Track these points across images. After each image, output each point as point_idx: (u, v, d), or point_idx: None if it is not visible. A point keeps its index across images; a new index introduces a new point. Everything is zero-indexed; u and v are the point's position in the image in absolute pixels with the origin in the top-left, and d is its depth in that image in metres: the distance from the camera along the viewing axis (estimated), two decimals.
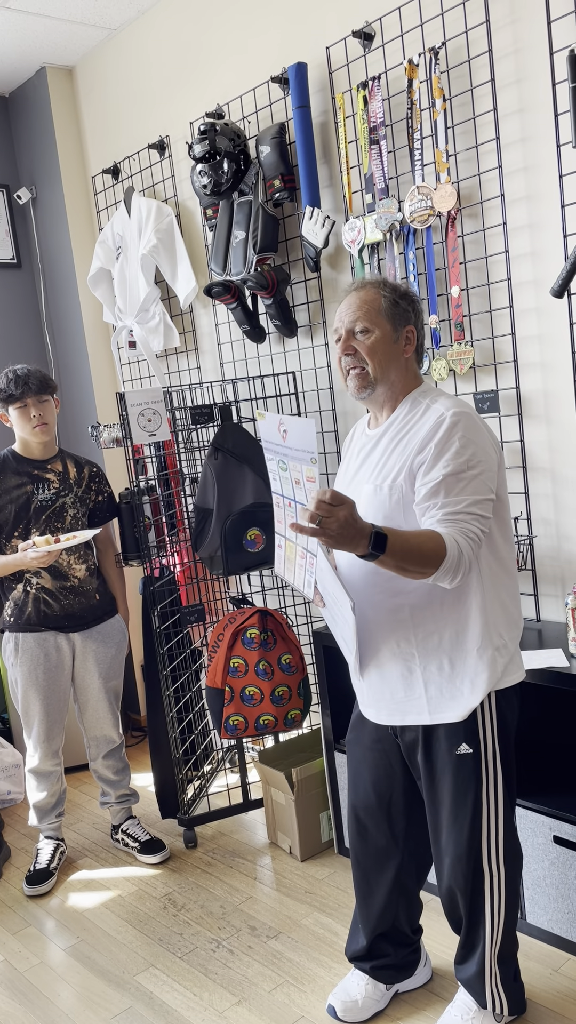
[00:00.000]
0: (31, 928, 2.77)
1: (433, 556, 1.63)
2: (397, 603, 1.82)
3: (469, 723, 1.85)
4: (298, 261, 3.16)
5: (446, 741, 1.87)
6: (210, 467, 3.03)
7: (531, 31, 2.37)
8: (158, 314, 3.66)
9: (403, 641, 1.84)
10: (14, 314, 4.26)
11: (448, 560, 1.63)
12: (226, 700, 2.90)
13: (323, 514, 1.54)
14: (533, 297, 2.50)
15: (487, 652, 1.82)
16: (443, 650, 1.82)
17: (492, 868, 1.92)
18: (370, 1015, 2.18)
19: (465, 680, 1.83)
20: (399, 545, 1.61)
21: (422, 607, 1.81)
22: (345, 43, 2.83)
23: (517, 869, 1.98)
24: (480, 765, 1.86)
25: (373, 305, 1.82)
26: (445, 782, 1.89)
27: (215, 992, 2.35)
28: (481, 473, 1.73)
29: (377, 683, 1.91)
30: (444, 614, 1.81)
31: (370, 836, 2.09)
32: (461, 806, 1.89)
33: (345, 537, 1.56)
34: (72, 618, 2.92)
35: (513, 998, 2.05)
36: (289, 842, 2.98)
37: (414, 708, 1.87)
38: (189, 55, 3.44)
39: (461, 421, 1.75)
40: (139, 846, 3.09)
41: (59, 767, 3.04)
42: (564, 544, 2.56)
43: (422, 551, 1.62)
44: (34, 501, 2.86)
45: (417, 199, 2.62)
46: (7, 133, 4.25)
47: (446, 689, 1.84)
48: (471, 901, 1.95)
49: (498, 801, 1.90)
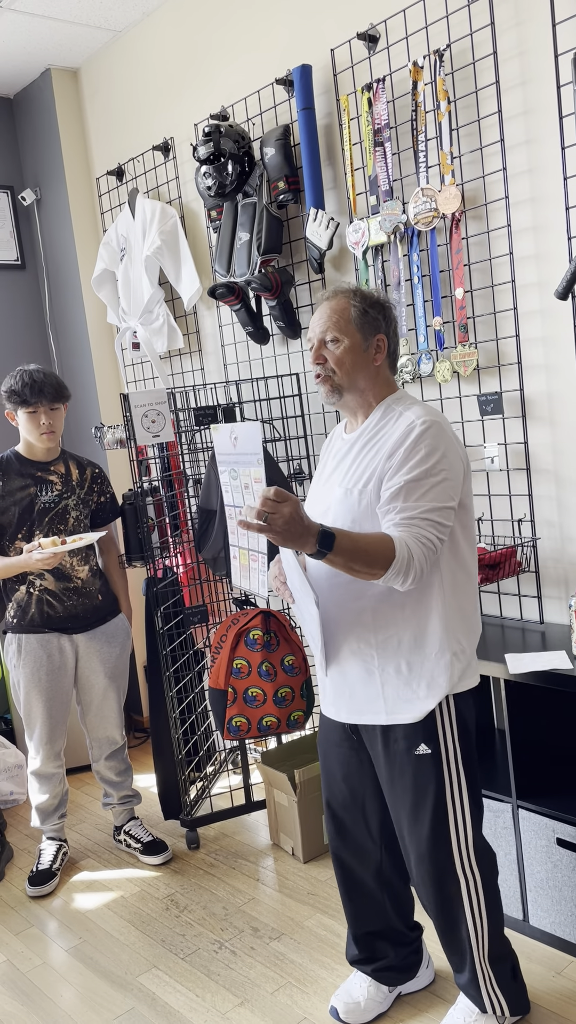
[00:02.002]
0: (33, 929, 2.77)
1: (381, 558, 1.67)
2: (360, 605, 1.86)
3: (427, 724, 1.88)
4: (302, 263, 3.16)
5: (404, 741, 1.89)
6: (214, 468, 3.03)
7: (536, 33, 2.37)
8: (162, 315, 3.67)
9: (363, 642, 1.87)
10: (18, 315, 4.27)
11: (397, 563, 1.67)
12: (229, 701, 2.90)
13: (268, 510, 1.58)
14: (537, 299, 2.50)
15: (445, 656, 1.85)
16: (402, 652, 1.86)
17: (467, 872, 1.92)
18: (372, 1017, 2.18)
19: (422, 683, 1.86)
20: (347, 545, 1.65)
21: (384, 610, 1.85)
22: (350, 45, 2.83)
23: (492, 869, 1.97)
24: (441, 766, 1.89)
25: (343, 315, 1.86)
26: (405, 782, 1.91)
27: (217, 993, 2.35)
28: (443, 481, 1.76)
29: (338, 681, 1.94)
30: (405, 617, 1.85)
31: (348, 832, 2.11)
32: (421, 806, 1.90)
33: (292, 534, 1.60)
34: (75, 619, 2.92)
35: (513, 998, 2.04)
36: (291, 843, 2.98)
37: (372, 708, 1.90)
38: (193, 57, 3.44)
39: (430, 429, 1.78)
40: (141, 847, 3.08)
41: (61, 768, 3.04)
42: (568, 546, 2.56)
43: (370, 552, 1.66)
44: (37, 503, 2.86)
45: (421, 201, 2.62)
46: (12, 135, 4.26)
47: (403, 691, 1.87)
48: (449, 907, 1.95)
49: (464, 803, 1.91)
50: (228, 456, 1.78)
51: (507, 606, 2.75)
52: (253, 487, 1.72)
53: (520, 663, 2.26)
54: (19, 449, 2.92)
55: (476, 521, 1.82)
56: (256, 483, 1.71)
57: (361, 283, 2.89)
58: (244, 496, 1.75)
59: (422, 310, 2.72)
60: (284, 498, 1.60)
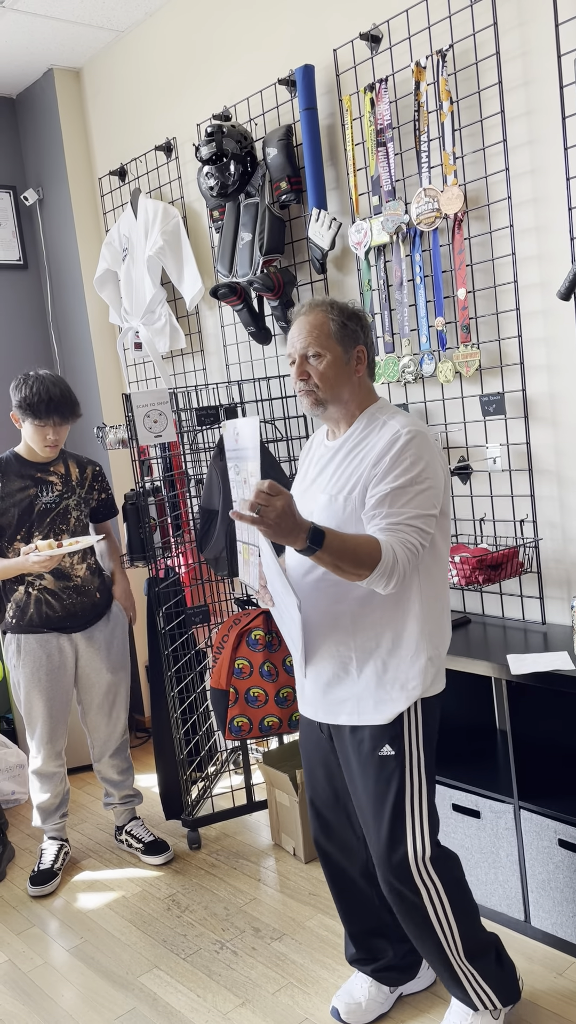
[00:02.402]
0: (35, 928, 2.77)
1: (368, 559, 1.70)
2: (339, 608, 1.88)
3: (394, 726, 1.89)
4: (304, 263, 3.16)
5: (370, 742, 1.91)
6: (216, 468, 3.03)
7: (539, 34, 2.37)
8: (164, 315, 3.67)
9: (342, 644, 1.90)
10: (21, 315, 4.27)
11: (382, 565, 1.70)
12: (231, 701, 2.90)
13: (262, 503, 1.61)
14: (540, 300, 2.50)
15: (420, 660, 1.88)
16: (379, 655, 1.88)
17: (425, 880, 1.92)
18: (374, 1017, 2.18)
19: (396, 685, 1.88)
20: (336, 543, 1.68)
21: (363, 613, 1.87)
22: (352, 45, 2.83)
23: (452, 871, 1.96)
24: (403, 769, 1.90)
25: (323, 329, 1.87)
26: (367, 783, 1.93)
27: (219, 994, 2.35)
28: (427, 489, 1.80)
29: (315, 683, 1.97)
30: (383, 621, 1.87)
31: (333, 831, 2.12)
32: (380, 808, 1.91)
33: (283, 528, 1.63)
34: (74, 618, 2.93)
35: (501, 988, 2.02)
36: (293, 844, 2.98)
37: (345, 709, 1.93)
38: (196, 57, 3.44)
39: (415, 439, 1.82)
40: (143, 847, 3.09)
41: (62, 768, 3.04)
42: (570, 547, 2.56)
43: (358, 553, 1.70)
44: (37, 504, 2.86)
45: (424, 201, 2.62)
46: (14, 135, 4.27)
47: (377, 693, 1.89)
48: (413, 915, 1.94)
49: (423, 808, 1.92)
50: (232, 452, 1.83)
51: (509, 607, 2.74)
52: (250, 481, 1.76)
53: (522, 664, 2.26)
54: (19, 450, 2.91)
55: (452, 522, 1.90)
56: (252, 477, 1.76)
57: (363, 283, 2.89)
58: (244, 490, 1.79)
59: (424, 310, 2.72)
60: (277, 491, 1.62)
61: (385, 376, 2.85)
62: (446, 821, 2.54)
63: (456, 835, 2.52)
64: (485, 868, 2.46)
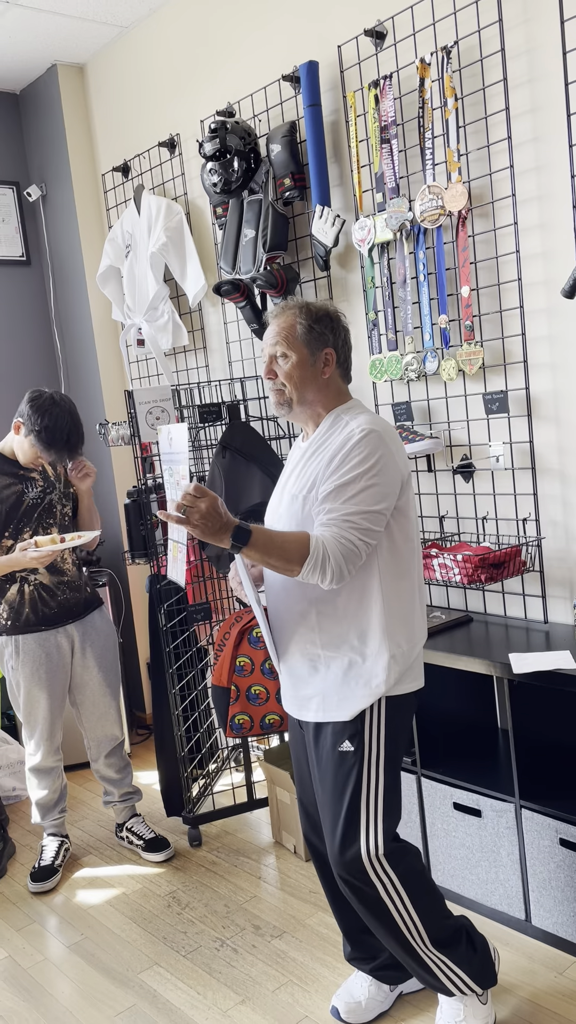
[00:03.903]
0: (35, 925, 2.77)
1: (296, 554, 1.76)
2: (304, 606, 1.92)
3: (356, 723, 1.91)
4: (308, 260, 3.15)
5: (332, 737, 1.94)
6: (218, 465, 3.03)
7: (544, 30, 2.36)
8: (167, 312, 3.66)
9: (310, 642, 1.94)
10: (23, 311, 4.27)
11: (311, 559, 1.75)
12: (232, 699, 2.90)
13: (187, 504, 1.70)
14: (544, 298, 2.49)
15: (383, 658, 1.90)
16: (344, 652, 1.91)
17: (380, 874, 1.92)
18: (374, 1016, 2.17)
19: (359, 682, 1.90)
20: (262, 540, 1.76)
21: (327, 611, 1.90)
22: (357, 42, 2.82)
23: (409, 864, 1.95)
24: (361, 765, 1.91)
25: (291, 331, 1.92)
26: (326, 778, 1.95)
27: (219, 991, 2.35)
28: (373, 486, 1.81)
29: (288, 680, 2.01)
30: (348, 619, 1.90)
31: (319, 827, 2.12)
32: (337, 804, 1.92)
33: (209, 528, 1.72)
34: (69, 612, 2.94)
35: (476, 971, 2.00)
36: (294, 841, 2.98)
37: (312, 705, 1.96)
38: (200, 53, 3.44)
39: (367, 436, 1.84)
40: (144, 844, 3.08)
41: (60, 763, 3.05)
42: (573, 546, 2.55)
43: (285, 548, 1.76)
44: (25, 500, 2.86)
45: (428, 198, 2.61)
46: (17, 130, 4.26)
47: (341, 690, 1.92)
48: (373, 911, 1.94)
49: (377, 806, 1.92)
50: (167, 455, 1.99)
51: (511, 605, 2.74)
52: (180, 483, 1.91)
53: (524, 663, 2.26)
54: (2, 450, 2.91)
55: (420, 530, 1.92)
56: (183, 480, 1.91)
57: (367, 281, 2.88)
58: (176, 492, 1.92)
59: (428, 308, 2.71)
60: (202, 493, 1.71)
61: (388, 374, 2.84)
62: (447, 820, 2.53)
63: (457, 834, 2.52)
64: (486, 867, 2.46)
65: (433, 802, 2.56)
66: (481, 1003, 2.03)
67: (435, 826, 2.57)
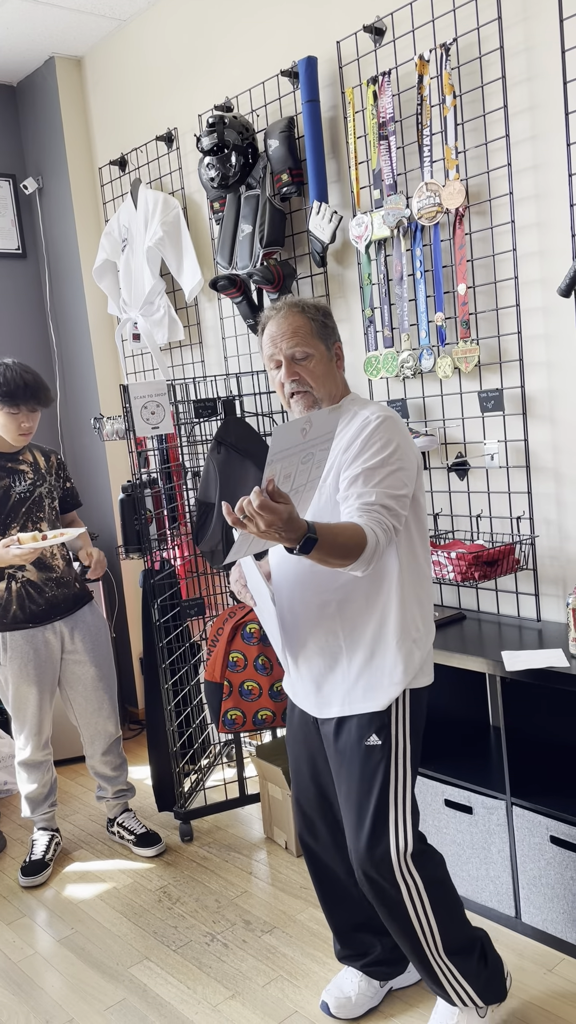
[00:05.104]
0: (25, 919, 2.77)
1: (355, 550, 1.68)
2: (324, 599, 1.90)
3: (381, 715, 1.89)
4: (305, 256, 3.15)
5: (356, 731, 1.91)
6: (212, 461, 3.03)
7: (543, 29, 2.36)
8: (163, 307, 3.66)
9: (330, 635, 1.91)
10: (19, 304, 4.26)
11: (366, 553, 1.69)
12: (224, 694, 2.90)
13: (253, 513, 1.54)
14: (540, 296, 2.49)
15: (405, 645, 1.89)
16: (366, 643, 1.89)
17: (406, 876, 1.90)
18: (363, 1012, 2.18)
19: (384, 672, 1.89)
20: (327, 544, 1.62)
21: (348, 602, 1.88)
22: (356, 38, 2.82)
23: (435, 868, 1.95)
24: (388, 760, 1.89)
25: (305, 329, 1.90)
26: (352, 773, 1.92)
27: (209, 986, 2.35)
28: (399, 470, 1.80)
29: (305, 677, 1.98)
30: (368, 608, 1.89)
31: (318, 829, 2.12)
32: (365, 798, 1.91)
33: (273, 536, 1.56)
34: (57, 609, 2.92)
35: (484, 986, 2.00)
36: (285, 837, 2.98)
37: (336, 700, 1.93)
38: (198, 47, 3.43)
39: (384, 423, 1.83)
40: (135, 839, 3.08)
41: (49, 757, 3.05)
42: (566, 544, 2.56)
43: (347, 547, 1.67)
44: (12, 494, 2.84)
45: (425, 196, 2.61)
46: (14, 123, 4.24)
47: (365, 680, 1.90)
48: (393, 912, 1.93)
49: (405, 800, 1.91)
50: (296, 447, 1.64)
51: (504, 603, 2.74)
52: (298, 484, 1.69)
53: (516, 660, 2.26)
54: None
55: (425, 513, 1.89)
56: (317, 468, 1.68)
57: (363, 277, 2.88)
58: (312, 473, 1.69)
59: (424, 305, 2.71)
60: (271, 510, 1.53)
61: (384, 371, 2.84)
62: (438, 817, 2.54)
63: (448, 831, 2.52)
64: (476, 864, 2.47)
65: (424, 799, 2.57)
66: (479, 1016, 2.01)
67: (426, 823, 2.57)
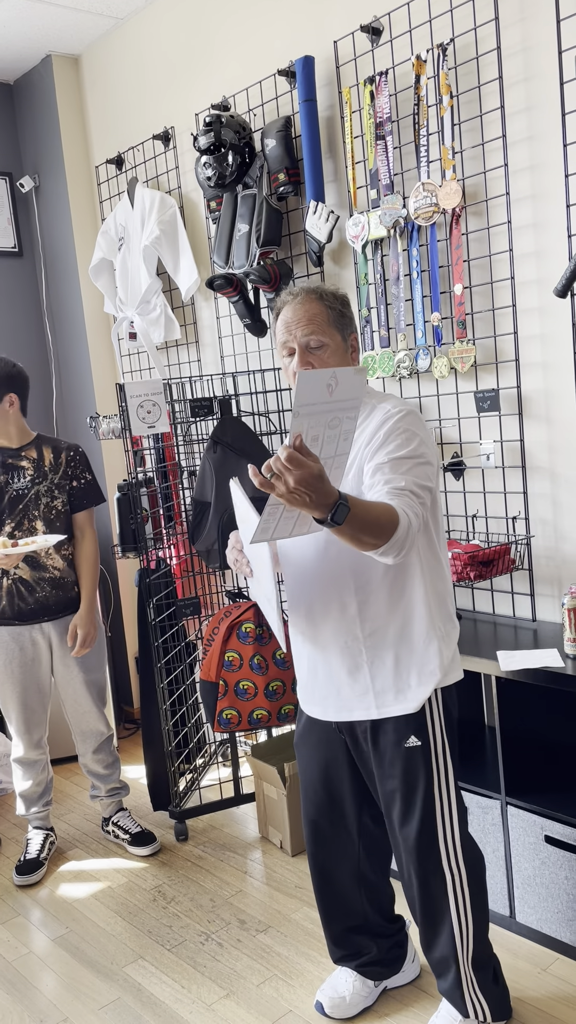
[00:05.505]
0: (20, 918, 2.76)
1: (388, 525, 1.59)
2: (345, 600, 1.85)
3: (418, 716, 1.87)
4: (301, 256, 3.15)
5: (394, 734, 1.89)
6: (209, 460, 3.02)
7: (540, 29, 2.36)
8: (159, 306, 3.65)
9: (351, 638, 1.86)
10: (15, 303, 4.25)
11: (399, 532, 1.60)
12: (220, 694, 2.90)
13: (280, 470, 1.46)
14: (536, 296, 2.49)
15: (433, 643, 1.86)
16: (389, 644, 1.85)
17: (452, 867, 1.92)
18: (358, 1011, 2.18)
19: (412, 672, 1.86)
20: (360, 515, 1.54)
21: (369, 602, 1.84)
22: (353, 37, 2.82)
23: (479, 867, 1.96)
24: (429, 758, 1.89)
25: (322, 317, 1.83)
26: (394, 776, 1.91)
27: (203, 985, 2.35)
28: (424, 464, 1.76)
29: (324, 680, 1.93)
30: (390, 609, 1.85)
31: (325, 836, 2.10)
32: (412, 799, 1.90)
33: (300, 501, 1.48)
34: (46, 610, 2.89)
35: (495, 1003, 2.03)
36: (280, 837, 2.98)
37: (361, 704, 1.89)
38: (195, 46, 3.42)
39: (407, 416, 1.80)
40: (130, 838, 3.08)
41: (43, 757, 3.03)
42: (562, 544, 2.56)
43: (379, 522, 1.58)
44: (8, 491, 2.82)
45: (422, 196, 2.61)
46: (11, 121, 4.24)
47: (393, 683, 1.87)
48: (431, 902, 1.94)
49: (451, 796, 1.91)
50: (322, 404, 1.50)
51: (500, 603, 2.75)
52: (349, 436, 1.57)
53: (511, 660, 2.27)
54: None
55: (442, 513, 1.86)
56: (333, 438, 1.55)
57: (360, 277, 2.88)
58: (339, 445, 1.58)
59: (420, 305, 2.71)
60: (299, 465, 1.44)
61: (380, 371, 2.84)
62: None
63: None
64: None
65: None
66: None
67: None
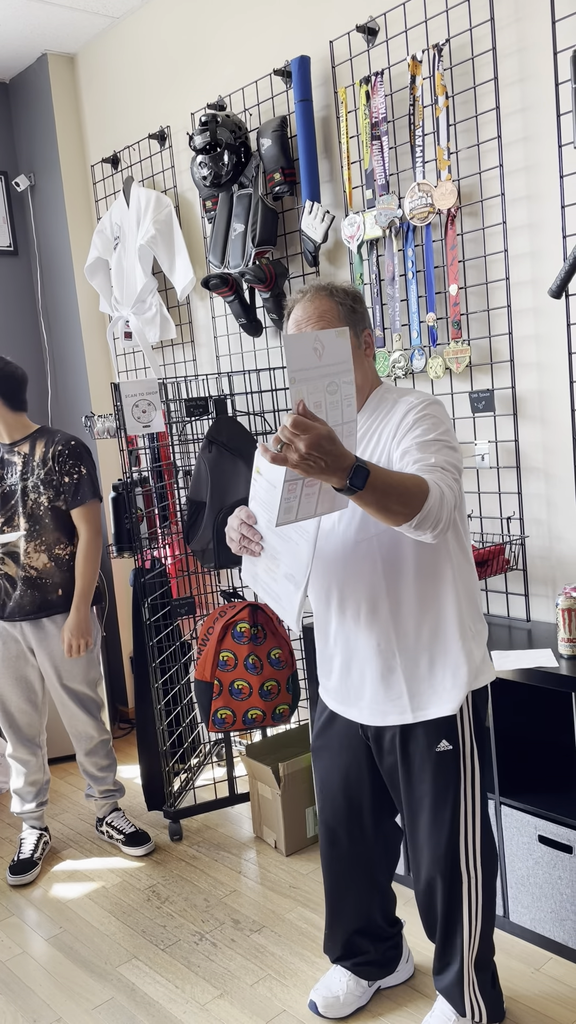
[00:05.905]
0: (13, 918, 2.76)
1: (418, 492, 1.52)
2: (376, 603, 1.82)
3: (448, 720, 1.85)
4: (297, 255, 3.15)
5: (425, 738, 1.86)
6: (204, 460, 3.02)
7: (535, 30, 2.36)
8: (155, 305, 3.65)
9: (384, 640, 1.83)
10: (10, 302, 4.24)
11: (431, 500, 1.53)
12: (214, 693, 2.90)
13: (287, 439, 1.42)
14: (531, 297, 2.50)
15: (466, 644, 1.83)
16: (422, 646, 1.83)
17: (470, 869, 1.92)
18: (351, 1011, 2.18)
19: (447, 674, 1.83)
20: (382, 479, 1.49)
21: (402, 603, 1.81)
22: (349, 37, 2.82)
23: (493, 870, 1.97)
24: (459, 762, 1.87)
25: (332, 314, 1.78)
26: (424, 780, 1.89)
27: (197, 985, 2.35)
28: (451, 448, 1.72)
29: (357, 684, 1.90)
30: (423, 610, 1.82)
31: (342, 842, 2.09)
32: (442, 805, 1.88)
33: (316, 467, 1.44)
34: (22, 609, 2.86)
35: (492, 1005, 2.03)
36: (274, 836, 2.98)
37: (395, 708, 1.86)
38: (191, 46, 3.42)
39: (432, 405, 1.78)
40: (124, 838, 3.08)
41: (35, 756, 3.02)
42: (556, 544, 2.56)
43: (406, 487, 1.52)
44: (3, 486, 2.82)
45: (417, 196, 2.62)
46: (7, 120, 4.23)
47: (427, 685, 1.84)
48: (448, 905, 1.94)
49: (475, 800, 1.90)
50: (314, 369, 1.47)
51: (494, 603, 2.75)
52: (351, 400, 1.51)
53: (506, 660, 2.27)
54: None
55: None
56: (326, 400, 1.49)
57: (355, 277, 2.88)
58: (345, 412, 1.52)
59: (416, 306, 2.71)
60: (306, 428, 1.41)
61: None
62: None
63: None
64: None
65: None
66: None
67: None
